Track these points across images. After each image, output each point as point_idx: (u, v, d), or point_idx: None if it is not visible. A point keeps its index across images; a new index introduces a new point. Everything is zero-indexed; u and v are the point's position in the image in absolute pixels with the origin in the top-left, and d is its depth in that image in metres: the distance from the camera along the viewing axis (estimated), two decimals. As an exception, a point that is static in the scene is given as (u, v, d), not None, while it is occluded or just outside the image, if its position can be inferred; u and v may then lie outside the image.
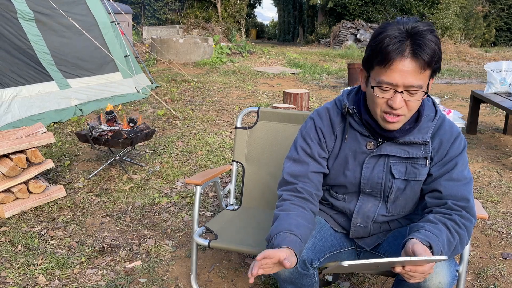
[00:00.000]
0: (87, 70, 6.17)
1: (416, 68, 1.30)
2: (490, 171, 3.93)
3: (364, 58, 1.42)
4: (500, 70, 4.87)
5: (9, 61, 5.11)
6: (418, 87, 1.32)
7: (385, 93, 1.35)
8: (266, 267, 1.28)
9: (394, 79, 1.31)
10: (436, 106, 1.52)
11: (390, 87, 1.33)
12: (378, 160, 1.52)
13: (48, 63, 5.58)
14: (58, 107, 5.50)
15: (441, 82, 9.55)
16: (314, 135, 1.58)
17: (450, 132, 1.49)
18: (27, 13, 5.42)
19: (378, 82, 1.35)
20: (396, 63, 1.30)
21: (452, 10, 19.33)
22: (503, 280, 2.30)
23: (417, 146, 1.48)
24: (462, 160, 1.47)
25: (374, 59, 1.35)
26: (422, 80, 1.32)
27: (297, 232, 1.40)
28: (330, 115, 1.58)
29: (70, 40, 6.01)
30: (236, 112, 6.19)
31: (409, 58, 1.29)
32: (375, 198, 1.57)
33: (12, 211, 2.94)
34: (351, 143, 1.54)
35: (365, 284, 2.26)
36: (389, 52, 1.30)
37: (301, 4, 27.18)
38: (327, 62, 12.70)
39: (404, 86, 1.32)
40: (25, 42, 5.35)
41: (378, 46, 1.32)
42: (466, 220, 1.40)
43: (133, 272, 2.33)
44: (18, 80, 5.14)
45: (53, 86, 5.57)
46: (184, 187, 3.50)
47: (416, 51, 1.29)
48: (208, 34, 15.23)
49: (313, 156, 1.57)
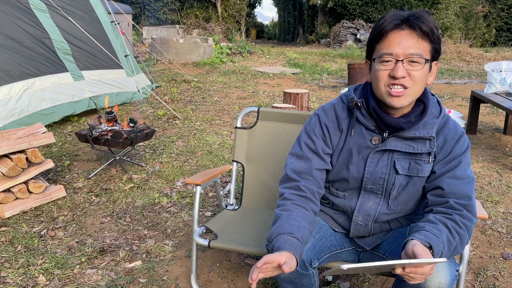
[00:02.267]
0: (99, 63, 6.11)
1: (413, 37, 1.35)
2: (490, 171, 3.94)
3: (367, 47, 1.47)
4: (500, 70, 4.87)
5: (22, 53, 5.00)
6: (418, 55, 1.35)
7: (387, 65, 1.38)
8: (266, 271, 1.29)
9: (393, 49, 1.36)
10: (440, 104, 1.53)
11: (390, 57, 1.37)
12: (382, 155, 1.52)
13: (64, 52, 5.51)
14: (72, 100, 5.37)
15: (441, 82, 9.55)
16: (319, 131, 1.58)
17: (454, 131, 1.49)
18: (39, 5, 5.40)
19: (379, 57, 1.39)
20: (393, 34, 1.37)
21: (452, 10, 19.33)
22: (503, 280, 2.30)
23: (422, 142, 1.48)
24: (466, 160, 1.47)
25: (374, 41, 1.41)
26: (421, 50, 1.36)
27: (298, 235, 1.40)
28: (335, 111, 1.58)
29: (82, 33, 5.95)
30: (236, 112, 6.19)
31: (406, 29, 1.36)
32: (376, 195, 1.57)
33: (12, 211, 2.94)
34: (356, 137, 1.54)
35: (365, 284, 2.26)
36: (385, 26, 1.37)
37: (301, 4, 27.17)
38: (327, 62, 12.70)
39: (404, 55, 1.35)
40: (42, 31, 5.28)
41: (377, 28, 1.40)
42: (467, 220, 1.40)
43: (133, 272, 2.33)
44: (31, 71, 5.00)
45: (67, 77, 5.45)
46: (184, 187, 3.50)
47: (413, 23, 1.35)
48: (208, 34, 15.23)
49: (317, 152, 1.57)
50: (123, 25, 9.88)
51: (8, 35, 4.94)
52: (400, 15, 1.38)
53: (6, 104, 4.62)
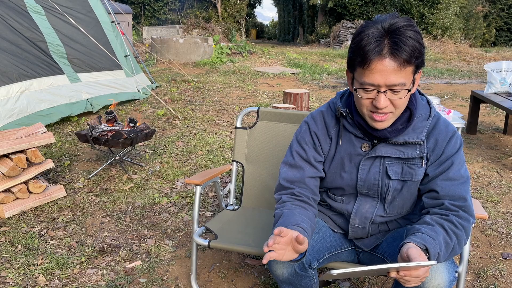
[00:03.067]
0: (96, 65, 6.13)
1: (396, 67, 1.29)
2: (490, 171, 3.94)
3: (347, 60, 1.41)
4: (500, 70, 4.87)
5: (19, 55, 5.03)
6: (400, 85, 1.31)
7: (369, 94, 1.35)
8: (279, 248, 1.26)
9: (376, 79, 1.31)
10: (430, 105, 1.51)
11: (373, 87, 1.33)
12: (374, 161, 1.51)
13: (60, 56, 5.53)
14: (69, 101, 5.41)
15: (441, 82, 9.55)
16: (309, 140, 1.57)
17: (445, 131, 1.48)
18: (36, 7, 5.41)
19: (360, 83, 1.35)
20: (374, 63, 1.29)
21: (452, 10, 19.31)
22: (503, 280, 2.30)
23: (412, 146, 1.47)
24: (459, 159, 1.46)
25: (355, 60, 1.34)
26: (403, 78, 1.31)
27: (304, 225, 1.39)
28: (324, 118, 1.58)
29: (79, 35, 5.97)
30: (236, 112, 6.19)
31: (387, 58, 1.28)
32: (373, 199, 1.57)
33: (12, 211, 2.94)
34: (346, 145, 1.54)
35: (365, 284, 2.26)
36: (367, 52, 1.29)
37: (301, 4, 27.16)
38: (327, 62, 12.70)
39: (386, 86, 1.31)
40: (37, 34, 5.30)
41: (357, 46, 1.32)
42: (464, 220, 1.39)
43: (133, 272, 2.33)
44: (29, 73, 5.03)
45: (64, 80, 5.49)
46: (184, 187, 3.50)
47: (394, 50, 1.28)
48: (208, 34, 15.22)
49: (309, 160, 1.57)
50: (123, 25, 9.89)
51: (4, 37, 4.96)
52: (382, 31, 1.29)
53: (5, 104, 4.65)
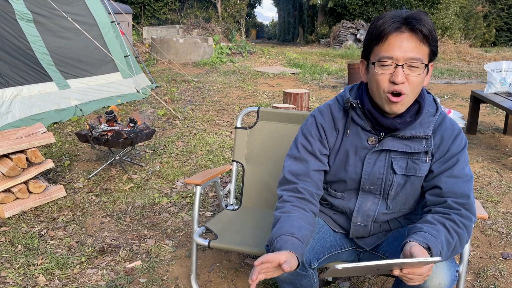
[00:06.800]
0: (87, 70, 6.18)
1: (414, 40, 1.33)
2: (490, 171, 3.93)
3: (363, 47, 1.44)
4: (500, 70, 4.87)
5: (9, 62, 5.12)
6: (418, 60, 1.34)
7: (386, 69, 1.36)
8: (267, 271, 1.27)
9: (394, 52, 1.34)
10: (437, 102, 1.52)
11: (391, 61, 1.34)
12: (380, 155, 1.51)
13: (47, 63, 5.59)
14: (58, 107, 5.52)
15: (441, 82, 9.55)
16: (315, 132, 1.57)
17: (451, 129, 1.49)
18: (25, 14, 5.43)
19: (378, 59, 1.37)
20: (394, 37, 1.34)
21: (452, 10, 19.32)
22: (503, 280, 2.30)
23: (419, 141, 1.48)
24: (463, 158, 1.46)
25: (372, 42, 1.38)
26: (421, 54, 1.34)
27: (298, 235, 1.39)
28: (331, 111, 1.58)
29: (69, 41, 6.02)
30: (236, 112, 6.19)
31: (406, 33, 1.34)
32: (375, 195, 1.57)
33: (12, 211, 2.94)
34: (352, 138, 1.54)
35: (365, 284, 2.26)
36: (385, 29, 1.34)
37: (301, 4, 27.17)
38: (327, 62, 12.70)
39: (404, 59, 1.33)
40: (24, 43, 5.36)
41: (375, 28, 1.37)
42: (466, 219, 1.39)
43: (133, 272, 2.33)
44: (18, 80, 5.15)
45: (52, 86, 5.58)
46: (184, 187, 3.50)
47: (414, 26, 1.33)
48: (208, 34, 15.22)
49: (314, 153, 1.56)
50: (123, 25, 9.88)
51: None
52: (400, 16, 1.35)
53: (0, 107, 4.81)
